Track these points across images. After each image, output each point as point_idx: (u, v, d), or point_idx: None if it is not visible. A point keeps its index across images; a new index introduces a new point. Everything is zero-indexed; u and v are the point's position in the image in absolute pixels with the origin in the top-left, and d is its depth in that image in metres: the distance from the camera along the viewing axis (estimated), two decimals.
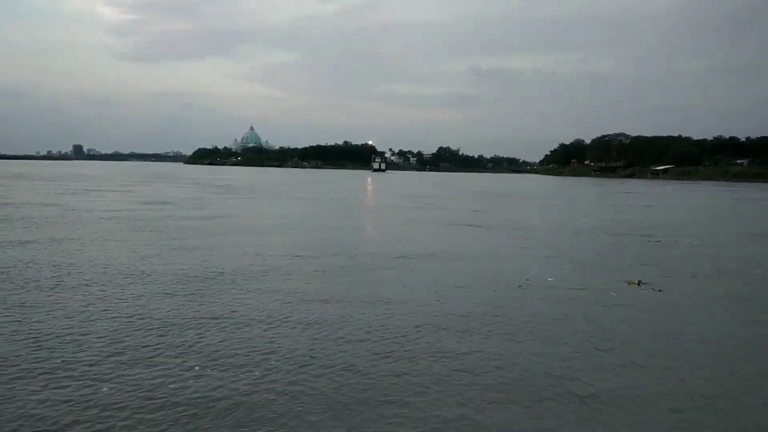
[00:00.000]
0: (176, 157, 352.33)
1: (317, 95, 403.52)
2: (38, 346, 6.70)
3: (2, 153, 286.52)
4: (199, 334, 7.27)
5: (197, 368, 6.11)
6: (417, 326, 7.90)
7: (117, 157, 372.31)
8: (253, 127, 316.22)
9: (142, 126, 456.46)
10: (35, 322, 7.61)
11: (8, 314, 7.93)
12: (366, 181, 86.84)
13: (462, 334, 7.65)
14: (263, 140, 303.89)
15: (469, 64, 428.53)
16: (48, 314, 7.99)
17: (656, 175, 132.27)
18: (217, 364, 6.24)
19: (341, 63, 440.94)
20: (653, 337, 7.83)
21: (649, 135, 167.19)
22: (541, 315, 8.75)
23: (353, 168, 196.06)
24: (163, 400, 5.35)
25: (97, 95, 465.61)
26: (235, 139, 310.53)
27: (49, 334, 7.10)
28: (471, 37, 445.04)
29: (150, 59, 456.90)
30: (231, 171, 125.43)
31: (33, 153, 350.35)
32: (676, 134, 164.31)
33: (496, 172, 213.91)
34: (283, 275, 11.25)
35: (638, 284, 11.14)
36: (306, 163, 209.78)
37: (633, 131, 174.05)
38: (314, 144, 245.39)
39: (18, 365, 6.09)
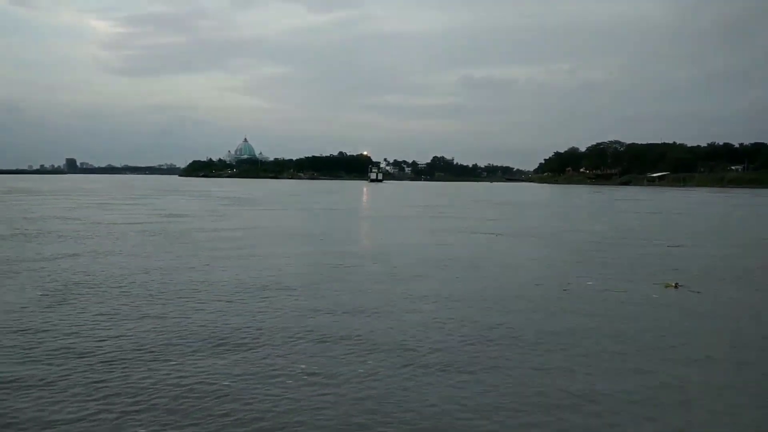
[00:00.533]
0: (170, 170, 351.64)
1: (310, 107, 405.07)
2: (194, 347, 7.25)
3: None
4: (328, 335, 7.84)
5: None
6: (490, 328, 8.49)
7: (110, 170, 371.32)
8: (247, 139, 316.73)
9: (134, 139, 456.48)
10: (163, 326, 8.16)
11: (125, 320, 8.48)
12: (367, 191, 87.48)
13: (545, 333, 8.25)
14: (257, 152, 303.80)
15: (461, 74, 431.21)
16: (160, 321, 8.54)
17: (652, 181, 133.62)
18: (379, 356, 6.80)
19: (334, 74, 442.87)
20: (711, 333, 8.47)
21: (642, 142, 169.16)
22: (601, 316, 9.36)
23: (349, 178, 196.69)
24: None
25: (89, 109, 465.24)
26: (229, 151, 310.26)
27: (190, 336, 7.65)
28: (462, 48, 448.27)
29: (142, 73, 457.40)
30: (230, 183, 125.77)
31: (25, 167, 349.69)
32: (668, 141, 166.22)
33: (491, 181, 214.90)
34: (351, 280, 11.83)
35: (675, 287, 11.75)
36: (302, 174, 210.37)
37: (625, 139, 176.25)
38: (309, 155, 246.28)
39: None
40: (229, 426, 5.19)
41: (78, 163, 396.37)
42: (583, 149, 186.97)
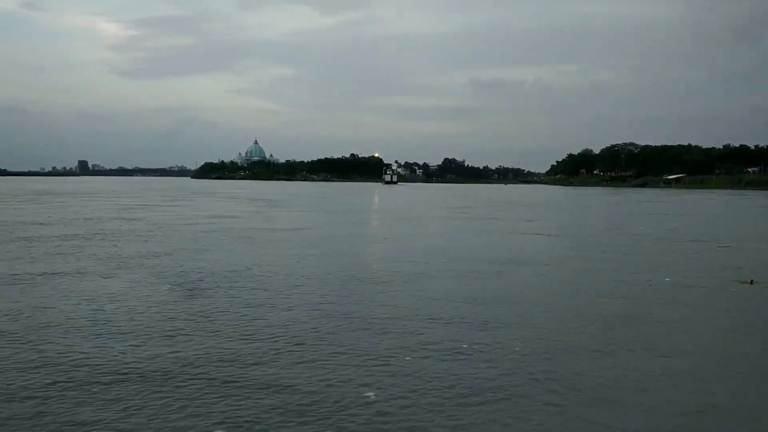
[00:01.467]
0: (181, 172, 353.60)
1: (319, 108, 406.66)
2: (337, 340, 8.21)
3: (7, 169, 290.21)
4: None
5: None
6: (586, 324, 9.42)
7: (122, 172, 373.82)
8: (257, 141, 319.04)
9: (144, 141, 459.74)
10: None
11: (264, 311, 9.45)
12: (386, 193, 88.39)
13: (648, 329, 9.18)
14: (267, 154, 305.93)
15: (470, 76, 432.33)
16: (311, 308, 9.53)
17: (668, 184, 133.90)
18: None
19: (342, 76, 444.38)
20: None
21: (654, 144, 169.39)
22: (703, 309, 10.27)
23: (362, 180, 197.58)
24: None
25: (99, 111, 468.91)
26: (240, 153, 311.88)
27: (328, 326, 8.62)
28: (470, 50, 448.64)
29: (151, 75, 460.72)
30: (247, 185, 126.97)
31: (38, 169, 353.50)
32: (681, 143, 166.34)
33: (505, 183, 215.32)
34: (440, 277, 12.78)
35: (750, 283, 12.60)
36: (315, 176, 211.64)
37: (638, 140, 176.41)
38: (319, 157, 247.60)
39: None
40: (435, 390, 6.10)
41: (90, 165, 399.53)
42: (595, 151, 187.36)
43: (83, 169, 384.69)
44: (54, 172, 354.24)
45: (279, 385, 6.19)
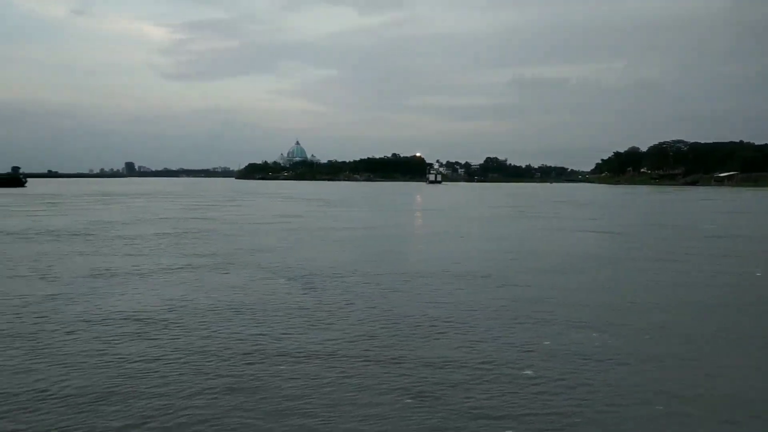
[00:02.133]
0: (225, 173, 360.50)
1: (360, 109, 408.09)
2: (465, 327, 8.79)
3: (58, 171, 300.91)
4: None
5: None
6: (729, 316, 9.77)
7: (167, 173, 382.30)
8: (299, 142, 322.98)
9: (189, 142, 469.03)
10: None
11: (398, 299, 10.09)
12: (433, 192, 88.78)
13: None
14: (309, 154, 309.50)
15: (512, 74, 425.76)
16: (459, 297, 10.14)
17: (720, 182, 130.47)
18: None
19: (383, 76, 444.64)
20: None
21: (702, 141, 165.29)
22: None
23: (404, 180, 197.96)
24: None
25: (145, 113, 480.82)
26: (282, 154, 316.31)
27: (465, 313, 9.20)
28: (512, 47, 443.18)
29: (196, 77, 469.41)
30: (294, 185, 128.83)
31: (86, 171, 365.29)
32: (728, 140, 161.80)
33: (550, 182, 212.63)
34: (559, 272, 13.25)
35: None
36: (357, 176, 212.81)
37: (683, 137, 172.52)
38: (360, 157, 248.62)
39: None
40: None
41: (136, 167, 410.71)
42: (642, 149, 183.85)
43: (130, 170, 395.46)
44: (102, 174, 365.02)
45: (443, 363, 6.80)
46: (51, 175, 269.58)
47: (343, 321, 8.77)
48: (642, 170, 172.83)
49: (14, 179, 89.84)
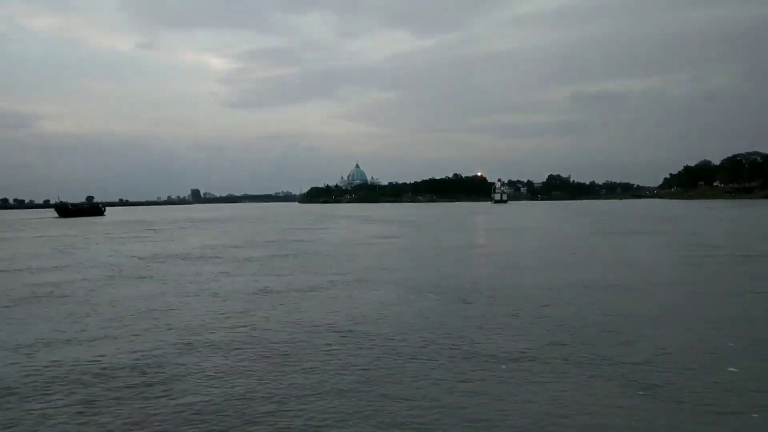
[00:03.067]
0: (287, 197, 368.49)
1: (419, 130, 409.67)
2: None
3: (130, 199, 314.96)
4: None
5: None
6: None
7: (231, 199, 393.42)
8: (359, 165, 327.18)
9: (251, 168, 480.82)
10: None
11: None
12: (503, 212, 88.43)
13: None
14: (368, 176, 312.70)
15: (573, 89, 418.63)
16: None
17: None
18: None
19: (442, 97, 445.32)
20: None
21: None
22: None
23: (467, 200, 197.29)
24: None
25: (209, 141, 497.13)
26: (342, 177, 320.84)
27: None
28: (572, 63, 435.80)
29: (256, 104, 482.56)
30: (359, 208, 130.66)
31: (154, 198, 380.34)
32: None
33: (612, 198, 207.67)
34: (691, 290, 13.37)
35: None
36: (420, 198, 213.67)
37: (757, 149, 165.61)
38: (421, 179, 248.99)
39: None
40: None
41: (201, 194, 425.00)
42: (714, 162, 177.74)
43: (195, 197, 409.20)
44: (169, 201, 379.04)
45: (642, 365, 7.18)
46: (123, 203, 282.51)
47: (535, 327, 9.24)
48: (714, 184, 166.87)
49: (95, 208, 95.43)
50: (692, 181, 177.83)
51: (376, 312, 10.93)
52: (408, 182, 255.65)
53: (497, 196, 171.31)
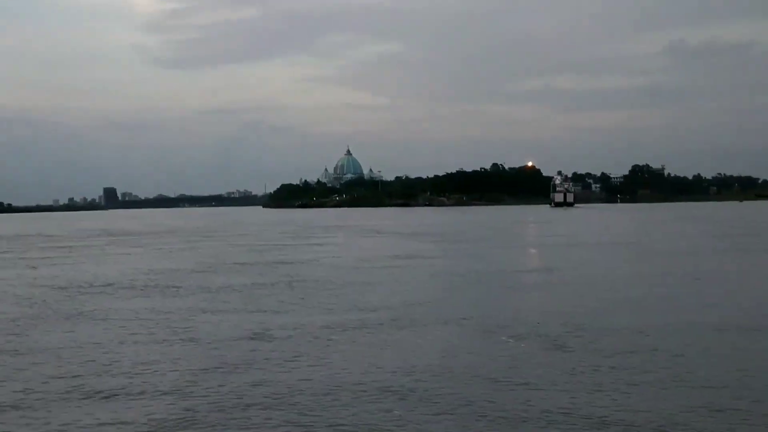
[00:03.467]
0: (245, 200, 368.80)
1: (438, 99, 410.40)
2: None
3: (13, 203, 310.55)
4: None
5: None
6: None
7: (164, 202, 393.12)
8: (350, 151, 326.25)
9: (191, 157, 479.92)
10: None
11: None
12: (573, 220, 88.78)
13: None
14: (365, 168, 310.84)
15: (669, 39, 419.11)
16: None
17: None
18: None
19: (470, 51, 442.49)
20: None
21: None
22: None
23: (514, 202, 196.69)
24: None
25: (129, 118, 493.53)
26: (326, 169, 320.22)
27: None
28: (668, 1, 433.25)
29: (198, 63, 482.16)
30: (358, 215, 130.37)
31: (50, 202, 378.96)
32: None
33: (728, 200, 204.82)
34: None
35: None
36: (444, 199, 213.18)
37: None
38: (444, 171, 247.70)
39: None
40: None
41: (119, 194, 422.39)
42: None
43: (110, 199, 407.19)
44: (72, 206, 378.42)
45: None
46: (1, 209, 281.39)
47: (677, 386, 9.64)
48: None
49: None
50: None
51: (441, 365, 11.24)
52: (424, 177, 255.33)
53: (559, 197, 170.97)
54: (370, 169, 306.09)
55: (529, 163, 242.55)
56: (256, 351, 12.63)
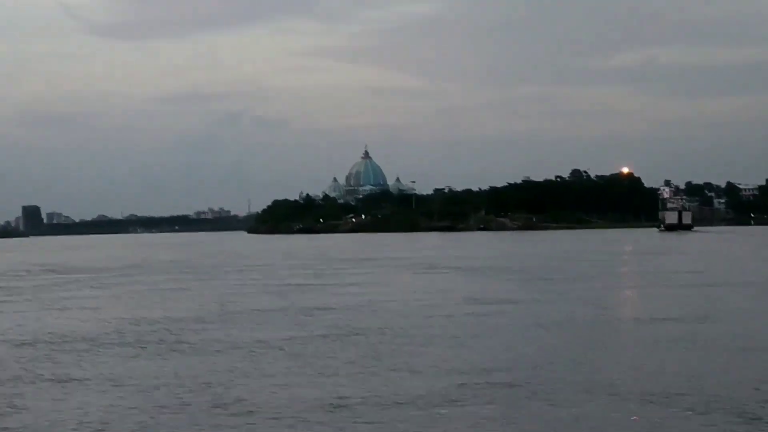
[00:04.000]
0: (222, 221, 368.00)
1: (491, 81, 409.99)
2: None
3: None
4: None
5: None
6: None
7: (106, 226, 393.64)
8: (369, 153, 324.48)
9: (146, 164, 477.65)
10: None
11: None
12: (697, 249, 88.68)
13: None
14: (390, 178, 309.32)
15: None
16: None
17: None
18: None
19: (537, 12, 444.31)
20: None
21: None
22: None
23: (605, 225, 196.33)
24: None
25: (57, 110, 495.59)
26: (335, 179, 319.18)
27: None
28: None
29: (156, 32, 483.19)
30: (395, 242, 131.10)
31: None
32: None
33: None
34: None
35: None
36: (507, 221, 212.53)
37: None
38: (504, 182, 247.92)
39: None
40: None
41: (43, 215, 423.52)
42: None
43: (31, 221, 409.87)
44: None
45: None
46: None
47: None
48: None
49: None
50: None
51: None
52: (476, 189, 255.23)
53: (671, 217, 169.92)
54: (398, 179, 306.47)
55: (624, 170, 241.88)
56: None
